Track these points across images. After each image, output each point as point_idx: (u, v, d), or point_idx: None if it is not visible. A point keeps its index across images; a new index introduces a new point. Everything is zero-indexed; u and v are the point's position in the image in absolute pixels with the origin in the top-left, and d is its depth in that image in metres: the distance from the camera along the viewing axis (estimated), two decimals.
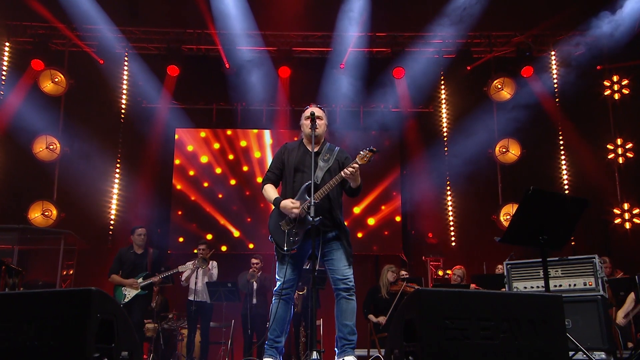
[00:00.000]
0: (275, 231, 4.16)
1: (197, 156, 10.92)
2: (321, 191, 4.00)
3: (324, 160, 4.20)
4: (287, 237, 4.06)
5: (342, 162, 4.26)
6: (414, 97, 10.78)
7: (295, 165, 4.22)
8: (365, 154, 3.99)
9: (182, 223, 10.62)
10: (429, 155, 10.78)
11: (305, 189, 4.10)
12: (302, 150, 4.29)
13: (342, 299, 4.05)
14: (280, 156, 4.34)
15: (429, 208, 10.68)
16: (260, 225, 10.27)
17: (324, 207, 4.06)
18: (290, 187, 4.19)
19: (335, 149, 4.31)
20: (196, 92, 10.85)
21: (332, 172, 4.18)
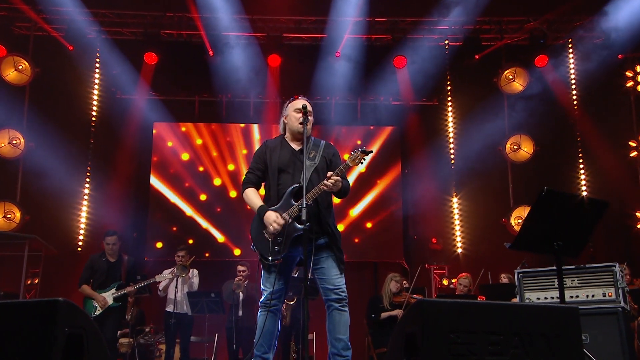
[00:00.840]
0: (258, 239, 4.15)
1: (177, 153, 10.90)
2: (308, 196, 3.98)
3: (309, 158, 4.19)
4: (272, 247, 4.05)
5: (329, 159, 4.27)
6: (416, 88, 10.78)
7: (279, 166, 4.20)
8: (356, 155, 4.01)
9: (160, 227, 10.61)
10: (433, 153, 10.82)
11: (290, 193, 4.09)
12: (285, 149, 4.27)
13: (334, 311, 4.05)
14: (262, 155, 4.31)
15: (433, 211, 10.71)
16: (247, 229, 9.78)
17: (312, 212, 4.04)
18: (274, 190, 4.18)
19: (320, 143, 4.30)
20: (176, 83, 10.80)
21: (319, 172, 4.18)
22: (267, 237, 4.09)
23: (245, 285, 8.13)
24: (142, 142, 10.80)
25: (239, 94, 10.72)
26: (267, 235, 4.09)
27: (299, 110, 4.20)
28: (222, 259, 10.40)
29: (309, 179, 4.10)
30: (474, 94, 10.67)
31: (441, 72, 10.88)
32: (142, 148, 10.80)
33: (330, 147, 4.34)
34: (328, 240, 4.12)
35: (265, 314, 4.08)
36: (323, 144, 4.31)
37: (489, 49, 10.70)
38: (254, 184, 4.31)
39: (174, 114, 10.83)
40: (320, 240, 4.11)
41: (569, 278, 5.31)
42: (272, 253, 4.04)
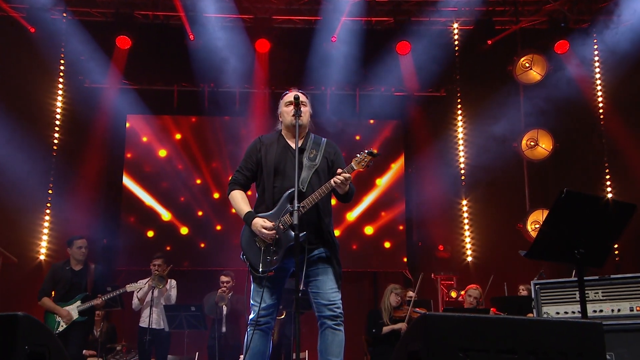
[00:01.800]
0: (248, 249, 4.15)
1: (153, 149, 10.89)
2: (307, 201, 3.99)
3: (309, 158, 4.19)
4: (264, 257, 4.04)
5: (331, 159, 4.28)
6: (421, 78, 10.80)
7: (276, 165, 4.19)
8: (362, 158, 4.00)
9: (134, 232, 10.59)
10: (440, 150, 10.89)
11: (287, 198, 4.08)
12: (281, 146, 4.28)
13: (328, 330, 4.04)
14: (255, 153, 4.30)
15: (440, 214, 10.74)
16: (232, 234, 10.22)
17: (311, 220, 4.05)
18: (269, 193, 4.17)
19: (321, 141, 4.32)
20: (152, 70, 10.80)
21: (320, 173, 4.18)
22: (257, 246, 4.10)
23: (229, 298, 8.09)
24: (114, 137, 10.78)
25: (223, 83, 10.69)
26: (258, 243, 4.10)
27: (290, 103, 4.23)
28: (204, 268, 10.39)
29: (308, 182, 4.10)
30: (486, 84, 10.66)
31: (449, 59, 10.88)
32: (113, 144, 10.79)
33: (332, 145, 4.35)
34: (327, 251, 4.14)
35: (252, 332, 4.05)
36: (324, 142, 4.32)
37: (503, 33, 10.71)
38: (242, 186, 4.31)
39: (149, 106, 10.78)
40: (318, 250, 4.12)
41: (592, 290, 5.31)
42: (263, 264, 4.02)
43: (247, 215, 4.14)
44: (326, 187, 4.02)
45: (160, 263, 8.12)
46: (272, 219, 4.07)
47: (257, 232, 4.05)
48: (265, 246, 4.05)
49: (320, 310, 4.06)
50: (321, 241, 4.13)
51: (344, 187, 4.01)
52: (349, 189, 4.09)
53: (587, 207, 3.94)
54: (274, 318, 4.19)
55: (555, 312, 5.42)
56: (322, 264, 4.11)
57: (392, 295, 7.57)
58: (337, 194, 4.16)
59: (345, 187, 4.02)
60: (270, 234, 4.00)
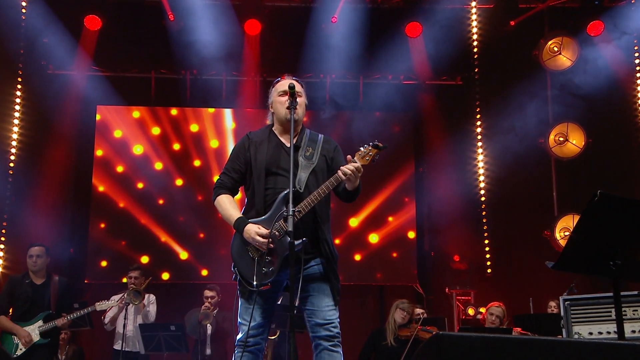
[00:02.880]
0: (240, 259, 4.15)
1: (127, 145, 10.85)
2: (305, 204, 4.00)
3: (305, 156, 4.21)
4: (258, 268, 4.03)
5: (330, 157, 4.30)
6: (435, 64, 10.79)
7: (267, 166, 4.21)
8: (367, 152, 4.01)
9: (105, 240, 10.54)
10: (455, 146, 10.87)
11: (282, 201, 4.08)
12: (274, 143, 4.30)
13: (324, 352, 4.05)
14: (243, 152, 4.33)
15: (456, 220, 10.66)
16: (218, 242, 10.30)
17: (307, 226, 4.07)
18: (260, 197, 4.17)
19: (318, 138, 4.34)
20: (126, 55, 10.76)
21: (317, 173, 4.20)
22: (251, 256, 4.10)
23: (214, 315, 8.08)
24: (82, 131, 10.75)
25: (207, 70, 10.67)
26: (251, 253, 4.10)
27: (285, 93, 4.22)
28: (186, 281, 10.43)
29: (304, 183, 4.11)
30: (509, 71, 10.65)
31: (466, 43, 10.88)
32: (81, 139, 10.76)
33: (330, 142, 4.38)
34: (324, 263, 4.14)
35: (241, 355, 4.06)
36: (321, 138, 4.34)
37: (528, 13, 10.68)
38: (229, 190, 4.32)
39: (123, 95, 10.73)
40: (314, 262, 4.13)
41: (630, 307, 5.30)
42: (258, 276, 4.02)
43: (238, 221, 4.14)
44: (331, 181, 4.02)
45: (137, 275, 8.12)
46: (265, 225, 4.06)
47: (251, 240, 4.04)
48: (260, 256, 4.05)
49: (315, 331, 4.09)
50: (317, 251, 4.13)
51: (355, 181, 4.01)
52: (359, 186, 4.10)
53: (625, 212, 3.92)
54: (265, 338, 4.21)
55: (588, 333, 5.41)
56: (318, 277, 4.12)
57: (397, 311, 7.56)
58: (342, 192, 4.17)
59: (356, 182, 4.03)
60: (265, 242, 3.99)
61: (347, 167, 3.94)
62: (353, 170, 3.92)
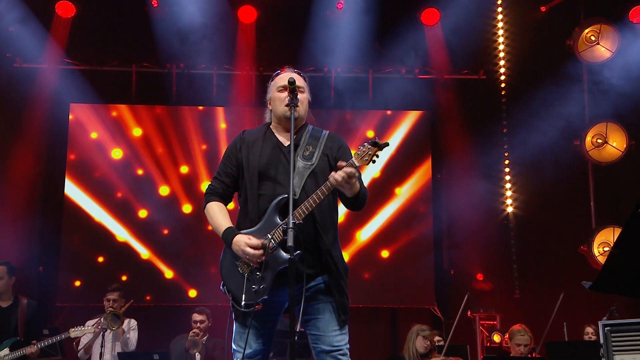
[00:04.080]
0: (229, 276, 4.15)
1: (105, 148, 10.84)
2: (300, 211, 3.98)
3: (303, 156, 4.22)
4: (247, 286, 4.02)
5: (333, 155, 4.29)
6: (454, 56, 10.84)
7: (261, 168, 4.20)
8: (365, 151, 3.99)
9: (79, 257, 10.53)
10: (478, 149, 10.85)
11: (275, 208, 4.08)
12: (270, 143, 4.30)
13: None
14: (235, 153, 4.34)
15: (479, 234, 10.68)
16: (209, 259, 10.28)
17: (307, 235, 4.03)
18: (253, 203, 4.17)
19: (321, 134, 4.36)
20: (104, 46, 10.79)
21: (318, 175, 4.18)
22: (240, 272, 4.09)
23: (204, 343, 8.10)
24: (53, 132, 10.74)
25: (196, 62, 10.71)
26: (241, 268, 4.09)
27: (284, 88, 4.22)
28: (171, 303, 10.43)
29: (301, 188, 4.10)
30: (539, 64, 10.62)
31: (491, 31, 10.90)
32: (52, 141, 10.77)
33: (335, 139, 4.38)
34: (328, 279, 4.13)
35: None
36: (325, 135, 4.35)
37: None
38: (220, 197, 4.32)
39: (100, 92, 10.73)
40: (318, 277, 4.12)
41: None
42: (247, 295, 4.00)
43: (226, 232, 4.13)
44: (322, 190, 3.99)
45: (116, 297, 8.14)
46: (258, 236, 4.04)
47: (240, 252, 4.02)
48: (250, 272, 4.04)
49: (321, 358, 4.10)
50: (320, 265, 4.11)
51: (351, 187, 3.99)
52: (359, 190, 4.08)
53: None
54: None
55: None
56: (323, 297, 4.12)
57: (419, 339, 7.56)
58: (344, 198, 4.17)
59: (353, 188, 4.01)
60: (257, 254, 3.96)
61: (337, 174, 3.92)
62: (344, 176, 3.89)
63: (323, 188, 3.98)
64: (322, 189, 3.98)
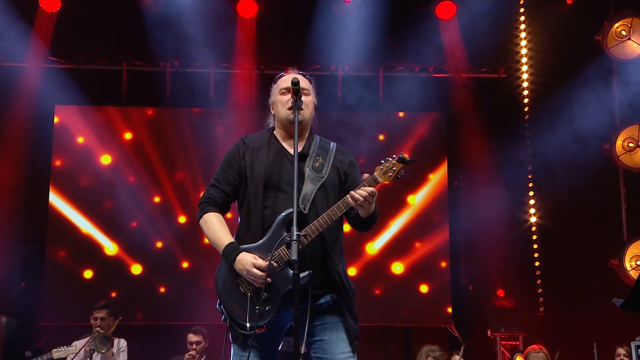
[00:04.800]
0: (228, 296, 4.14)
1: (92, 154, 10.88)
2: (312, 228, 3.99)
3: (313, 167, 4.23)
4: (251, 307, 4.00)
5: (344, 170, 4.32)
6: (472, 52, 10.84)
7: (266, 178, 4.20)
8: (389, 167, 4.02)
9: (65, 272, 10.54)
10: (498, 154, 10.79)
11: (282, 224, 4.07)
12: (274, 150, 4.31)
13: None
14: (236, 160, 4.33)
15: (500, 245, 10.66)
16: (205, 274, 10.33)
17: (315, 255, 4.05)
18: (257, 217, 4.16)
19: (330, 147, 4.37)
20: (92, 43, 10.80)
21: (328, 189, 4.21)
22: (242, 291, 4.07)
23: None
24: (37, 136, 10.75)
25: (192, 61, 10.75)
26: (243, 288, 4.08)
27: (287, 90, 4.22)
28: (165, 322, 10.47)
29: (311, 201, 4.12)
30: (564, 61, 10.53)
31: (512, 26, 10.84)
32: (36, 146, 10.78)
33: (344, 153, 4.41)
34: (336, 298, 4.14)
35: None
36: (334, 148, 4.37)
37: None
38: (218, 207, 4.30)
39: (87, 92, 10.72)
40: (325, 299, 4.13)
41: None
42: (251, 317, 3.99)
43: (228, 248, 4.10)
44: (339, 207, 4.01)
45: (104, 316, 8.16)
46: (261, 254, 4.03)
47: (245, 272, 4.00)
48: (254, 292, 4.03)
49: None
50: (328, 284, 4.13)
51: (368, 207, 3.99)
52: (374, 212, 4.10)
53: None
54: None
55: None
56: (330, 317, 4.13)
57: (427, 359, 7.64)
58: (355, 219, 4.18)
59: (370, 208, 4.01)
60: (264, 275, 3.95)
61: (358, 192, 3.93)
62: (366, 196, 3.91)
63: (341, 205, 4.01)
64: (335, 209, 4.01)
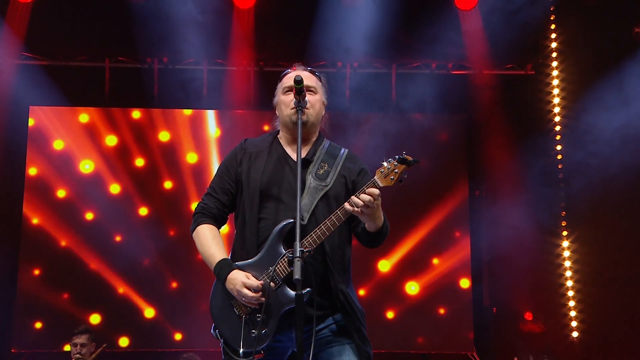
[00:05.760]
0: (222, 318, 4.19)
1: (72, 161, 10.90)
2: (309, 241, 4.01)
3: (316, 175, 4.26)
4: (246, 331, 4.04)
5: (352, 179, 4.35)
6: (496, 47, 10.78)
7: (263, 186, 4.24)
8: (391, 168, 4.00)
9: (40, 292, 10.52)
10: (526, 160, 10.77)
11: (278, 236, 4.10)
12: (276, 155, 4.37)
13: None
14: (234, 166, 4.40)
15: (527, 263, 10.67)
16: (198, 295, 10.23)
17: (316, 271, 4.06)
18: (252, 230, 4.21)
19: (339, 153, 4.42)
20: (71, 36, 10.76)
21: (330, 200, 4.24)
22: (236, 313, 4.11)
23: None
24: (9, 141, 10.75)
25: (183, 56, 10.74)
26: (237, 309, 4.11)
27: (290, 89, 4.24)
28: (152, 348, 10.51)
29: (311, 211, 4.14)
30: (600, 56, 10.51)
31: (540, 18, 10.75)
32: (8, 153, 10.74)
33: (356, 160, 4.45)
34: (343, 319, 4.16)
35: None
36: (344, 154, 4.41)
37: None
38: (213, 218, 4.36)
39: (66, 92, 10.71)
40: (330, 319, 4.16)
41: None
42: (245, 341, 4.03)
43: (219, 265, 4.14)
44: (337, 215, 4.03)
45: (84, 341, 8.18)
46: (256, 271, 4.08)
47: (236, 293, 4.04)
48: (249, 314, 4.08)
49: None
50: (331, 304, 4.15)
51: (371, 214, 3.98)
52: (383, 225, 4.11)
53: None
54: None
55: None
56: (339, 338, 4.16)
57: None
58: (362, 233, 4.22)
59: (374, 216, 4.01)
60: (255, 296, 3.99)
61: (358, 197, 3.92)
62: (367, 201, 3.88)
63: (339, 213, 4.01)
64: (338, 215, 4.01)
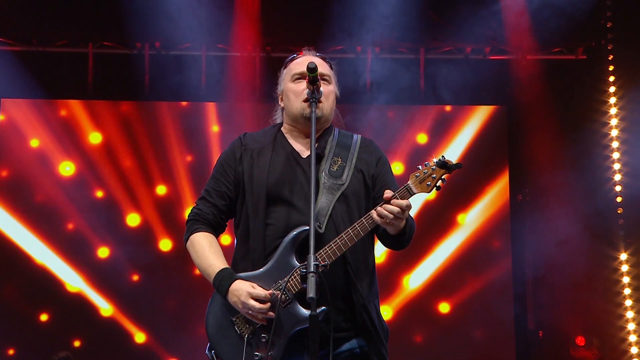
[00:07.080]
0: (220, 337, 4.22)
1: (50, 161, 10.98)
2: (328, 251, 4.05)
3: (329, 172, 4.31)
4: (248, 352, 4.08)
5: (370, 173, 4.42)
6: (541, 29, 10.73)
7: (270, 188, 4.27)
8: (428, 173, 4.07)
9: (14, 314, 10.63)
10: (577, 159, 10.79)
11: (292, 244, 4.13)
12: (283, 153, 4.42)
13: None
14: (233, 165, 4.44)
15: (579, 280, 10.62)
16: (193, 313, 10.31)
17: (336, 285, 4.07)
18: (258, 238, 4.24)
19: (352, 141, 4.48)
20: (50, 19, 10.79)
21: (349, 199, 4.29)
22: (238, 332, 4.14)
23: None
24: None
25: (178, 41, 10.78)
26: (238, 327, 4.15)
27: (302, 77, 4.31)
28: None
29: (329, 215, 4.18)
30: None
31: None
32: None
33: (371, 147, 4.51)
34: (364, 339, 4.18)
35: None
36: (357, 141, 4.48)
37: None
38: (211, 225, 4.42)
39: (43, 83, 10.77)
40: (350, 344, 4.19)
41: None
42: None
43: (220, 276, 4.16)
44: (363, 225, 4.05)
45: None
46: (263, 283, 4.09)
47: (240, 305, 4.06)
48: (252, 333, 4.12)
49: None
50: (353, 324, 4.18)
51: (398, 224, 4.00)
52: (406, 226, 4.10)
53: None
54: None
55: None
56: None
57: None
58: (384, 235, 4.23)
59: (400, 224, 4.01)
60: (264, 308, 3.98)
61: (385, 208, 3.95)
62: (397, 212, 3.92)
63: (365, 222, 4.04)
64: (364, 223, 4.03)
